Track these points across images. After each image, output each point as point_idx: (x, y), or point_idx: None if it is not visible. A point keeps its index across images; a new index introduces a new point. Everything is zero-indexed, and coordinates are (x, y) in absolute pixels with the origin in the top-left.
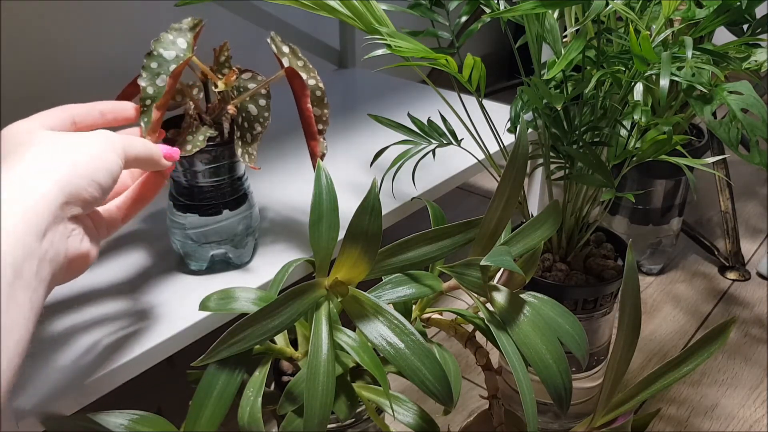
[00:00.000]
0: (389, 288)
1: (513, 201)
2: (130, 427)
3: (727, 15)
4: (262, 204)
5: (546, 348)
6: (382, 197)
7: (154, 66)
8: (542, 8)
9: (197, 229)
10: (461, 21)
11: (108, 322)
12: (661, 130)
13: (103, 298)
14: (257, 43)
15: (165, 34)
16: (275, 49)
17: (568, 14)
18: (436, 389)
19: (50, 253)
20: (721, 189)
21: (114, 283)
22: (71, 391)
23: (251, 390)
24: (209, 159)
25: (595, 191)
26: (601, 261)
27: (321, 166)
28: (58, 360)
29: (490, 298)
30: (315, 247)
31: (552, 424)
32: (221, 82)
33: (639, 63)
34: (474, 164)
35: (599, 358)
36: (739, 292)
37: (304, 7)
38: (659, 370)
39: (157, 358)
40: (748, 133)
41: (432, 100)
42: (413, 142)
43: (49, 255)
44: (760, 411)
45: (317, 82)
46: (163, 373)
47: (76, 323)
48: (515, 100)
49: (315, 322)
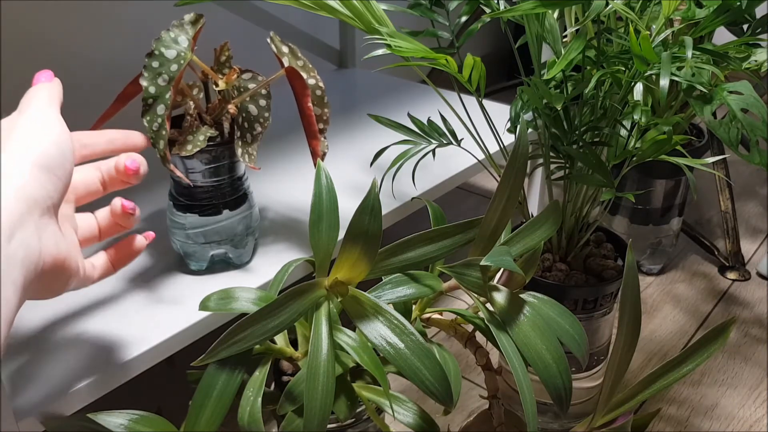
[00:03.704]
0: (389, 288)
1: (513, 201)
2: (130, 427)
3: (727, 15)
4: (262, 204)
5: (546, 348)
6: (382, 197)
7: (156, 65)
8: (542, 8)
9: (197, 229)
10: (461, 21)
11: (108, 322)
12: (661, 130)
13: (103, 298)
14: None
15: (166, 32)
16: (275, 49)
17: (568, 14)
18: (436, 389)
19: (20, 253)
20: (721, 189)
21: (114, 283)
22: (71, 391)
23: (251, 390)
24: (209, 159)
25: (595, 191)
26: (601, 261)
27: (321, 166)
28: (58, 360)
29: (490, 298)
30: (315, 247)
31: (552, 424)
32: (222, 81)
33: (639, 63)
34: (474, 164)
35: (599, 358)
36: (739, 292)
37: (304, 7)
38: (659, 370)
39: (157, 358)
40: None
41: (432, 100)
42: (413, 142)
43: (19, 255)
44: (760, 411)
45: (317, 81)
46: (163, 373)
47: (75, 323)
48: (515, 100)
49: (315, 322)
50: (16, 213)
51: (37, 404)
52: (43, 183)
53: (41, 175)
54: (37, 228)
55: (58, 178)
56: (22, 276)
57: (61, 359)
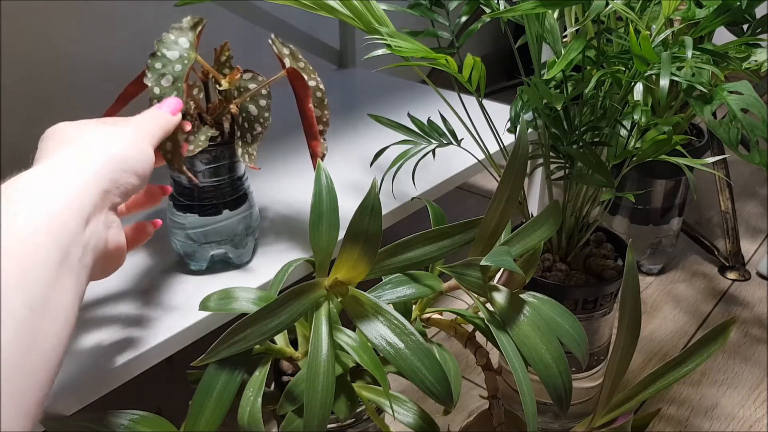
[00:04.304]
0: (389, 288)
1: (513, 201)
2: (130, 427)
3: (727, 15)
4: (262, 204)
5: (546, 348)
6: (382, 197)
7: (159, 66)
8: (542, 8)
9: (197, 229)
10: (461, 21)
11: (108, 322)
12: (661, 130)
13: (103, 298)
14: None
15: (167, 34)
16: (276, 50)
17: (568, 14)
18: (436, 389)
19: (92, 241)
20: (721, 189)
21: (114, 283)
22: (71, 391)
23: (251, 390)
24: (209, 159)
25: (595, 191)
26: (601, 261)
27: (321, 166)
28: None
29: (490, 298)
30: (315, 247)
31: (552, 424)
32: (225, 80)
33: (639, 63)
34: (474, 164)
35: (599, 358)
36: (739, 292)
37: (304, 7)
38: (659, 370)
39: (157, 358)
40: (748, 133)
41: (432, 100)
42: (413, 142)
43: (92, 243)
44: (760, 411)
45: (317, 83)
46: (163, 373)
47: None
48: (515, 100)
49: (315, 322)
50: (91, 203)
51: None
52: (117, 181)
53: (117, 174)
54: (106, 219)
55: (129, 181)
56: (92, 261)
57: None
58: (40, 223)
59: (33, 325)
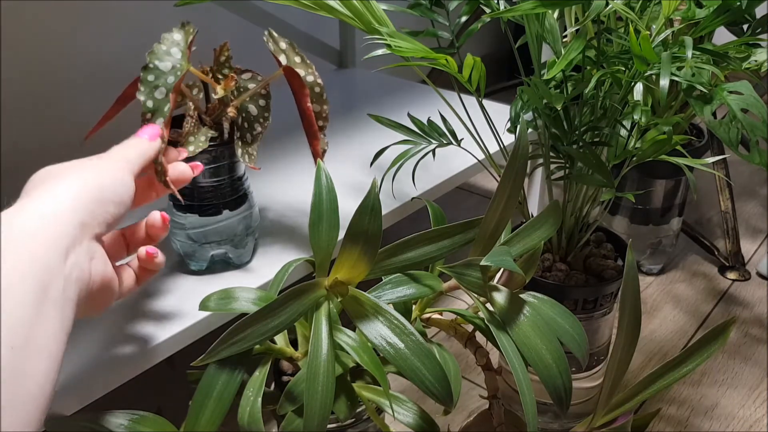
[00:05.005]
0: (389, 288)
1: (513, 201)
2: (130, 427)
3: (727, 15)
4: (262, 204)
5: (546, 348)
6: (382, 197)
7: (151, 78)
8: (542, 8)
9: (197, 229)
10: (461, 21)
11: (108, 322)
12: (661, 130)
13: None
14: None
15: (158, 45)
16: (272, 46)
17: (568, 14)
18: (436, 389)
19: (75, 273)
20: (721, 189)
21: None
22: (71, 391)
23: (251, 390)
24: (209, 159)
25: (595, 191)
26: (601, 261)
27: (321, 166)
28: None
29: (490, 298)
30: (315, 247)
31: (552, 424)
32: (220, 88)
33: (639, 63)
34: (474, 164)
35: (599, 358)
36: (739, 292)
37: (304, 7)
38: (659, 370)
39: (157, 358)
40: (748, 133)
41: (432, 100)
42: (413, 142)
43: (74, 274)
44: (760, 411)
45: (315, 78)
46: (163, 373)
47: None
48: (515, 100)
49: (315, 322)
50: (68, 236)
51: None
52: (94, 212)
53: (93, 205)
54: (88, 250)
55: (108, 210)
56: (76, 294)
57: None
58: (17, 259)
59: (17, 365)
